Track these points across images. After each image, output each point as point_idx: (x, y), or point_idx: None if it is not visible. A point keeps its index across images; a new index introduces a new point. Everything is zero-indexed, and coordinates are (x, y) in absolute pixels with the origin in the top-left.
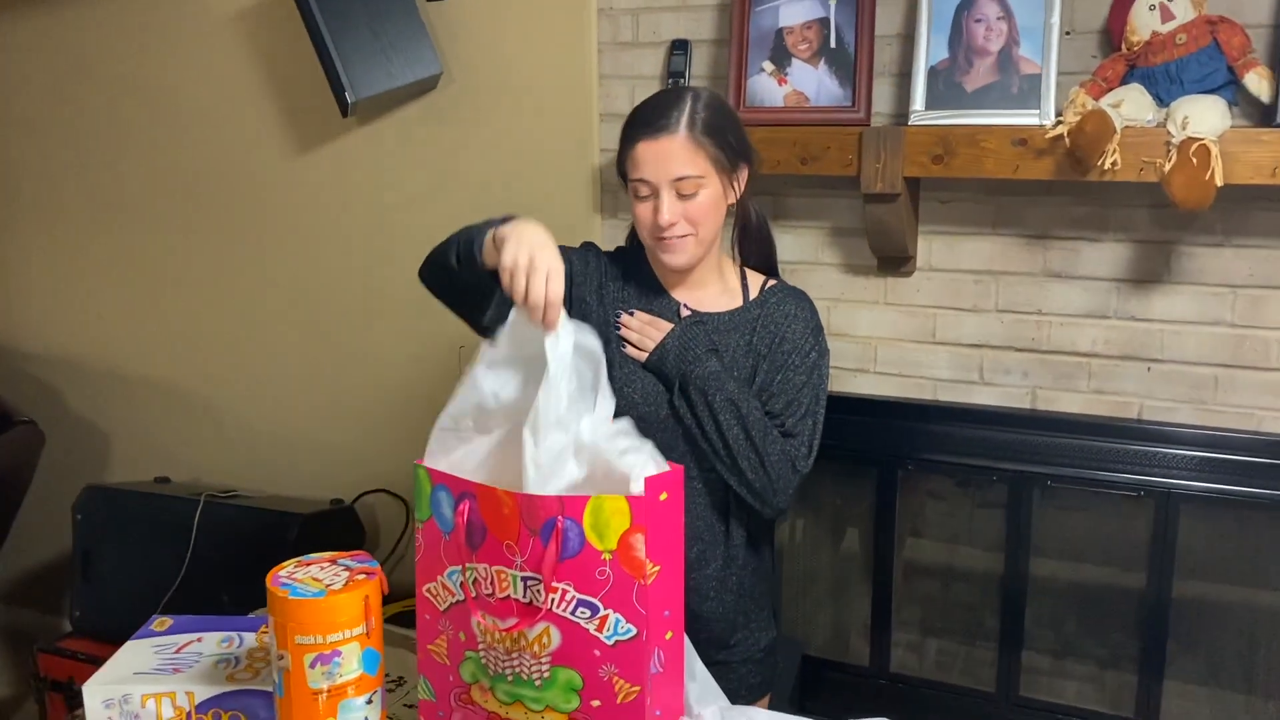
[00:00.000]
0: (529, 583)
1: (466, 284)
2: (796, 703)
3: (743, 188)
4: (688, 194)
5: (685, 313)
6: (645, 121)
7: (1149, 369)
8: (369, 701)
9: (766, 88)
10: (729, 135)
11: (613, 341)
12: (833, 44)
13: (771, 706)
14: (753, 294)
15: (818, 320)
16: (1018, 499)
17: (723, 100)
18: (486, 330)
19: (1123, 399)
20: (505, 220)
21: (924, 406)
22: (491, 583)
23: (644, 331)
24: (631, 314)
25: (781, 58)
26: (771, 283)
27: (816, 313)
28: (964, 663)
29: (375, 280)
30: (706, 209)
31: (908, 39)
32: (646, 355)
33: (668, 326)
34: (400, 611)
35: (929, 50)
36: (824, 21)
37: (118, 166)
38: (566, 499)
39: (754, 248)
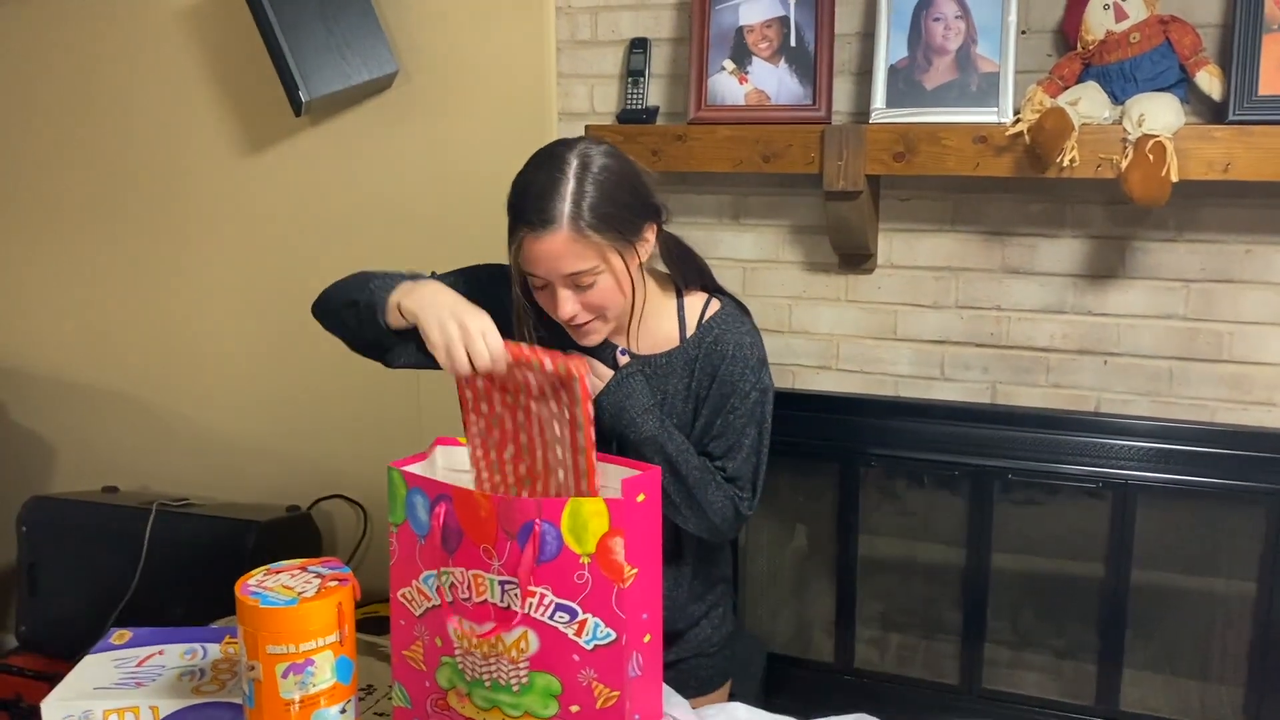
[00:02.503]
0: (506, 587)
1: (369, 340)
2: (761, 700)
3: (651, 246)
4: (585, 285)
5: (622, 358)
6: (526, 214)
7: (1105, 362)
8: (342, 711)
9: (727, 86)
10: (624, 211)
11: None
12: (793, 42)
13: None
14: (690, 328)
15: (760, 353)
16: (978, 493)
17: (614, 162)
18: (393, 365)
19: (1080, 392)
20: (396, 278)
21: (885, 402)
22: (468, 587)
23: None
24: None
25: (742, 56)
26: (711, 311)
27: (759, 343)
28: (927, 656)
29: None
30: (607, 294)
31: (867, 37)
32: None
33: (604, 370)
34: (361, 618)
35: (889, 49)
36: (784, 20)
37: (61, 167)
38: (544, 502)
39: (682, 270)
